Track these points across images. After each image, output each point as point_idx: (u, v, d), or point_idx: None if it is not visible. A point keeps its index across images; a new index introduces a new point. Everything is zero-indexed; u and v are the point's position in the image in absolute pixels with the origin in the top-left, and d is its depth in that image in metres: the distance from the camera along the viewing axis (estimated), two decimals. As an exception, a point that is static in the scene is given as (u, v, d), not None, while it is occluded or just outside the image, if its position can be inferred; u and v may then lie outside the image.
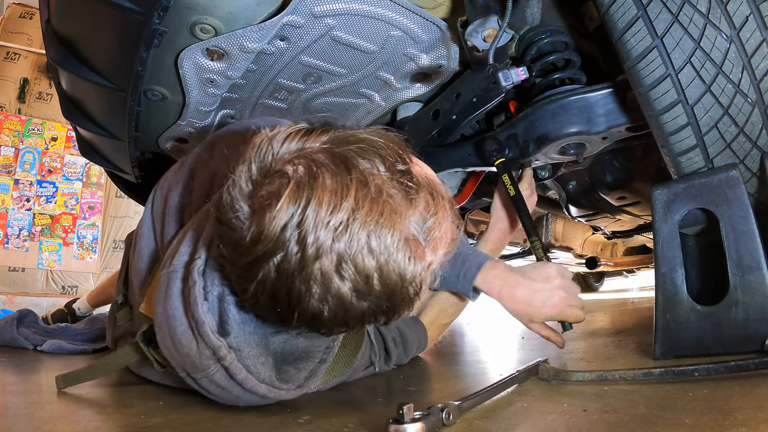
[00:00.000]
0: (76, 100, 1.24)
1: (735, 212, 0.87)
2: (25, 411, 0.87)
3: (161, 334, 0.77)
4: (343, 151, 0.62)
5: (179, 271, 0.76)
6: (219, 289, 0.72)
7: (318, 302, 0.61)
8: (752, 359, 0.75)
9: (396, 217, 0.60)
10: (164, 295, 0.75)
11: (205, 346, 0.70)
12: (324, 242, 0.58)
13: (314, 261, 0.59)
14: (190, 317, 0.71)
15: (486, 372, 1.19)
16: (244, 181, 0.63)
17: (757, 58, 0.84)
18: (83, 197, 4.32)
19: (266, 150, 0.64)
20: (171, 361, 0.79)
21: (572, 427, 0.62)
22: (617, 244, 2.96)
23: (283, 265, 0.60)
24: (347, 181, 0.59)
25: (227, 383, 0.73)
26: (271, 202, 0.59)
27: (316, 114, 1.36)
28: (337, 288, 0.60)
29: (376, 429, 0.67)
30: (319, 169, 0.59)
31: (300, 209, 0.58)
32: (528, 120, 1.12)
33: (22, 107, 4.18)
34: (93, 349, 1.65)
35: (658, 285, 0.94)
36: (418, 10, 1.02)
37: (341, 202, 0.58)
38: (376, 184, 0.60)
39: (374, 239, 0.59)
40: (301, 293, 0.61)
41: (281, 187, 0.60)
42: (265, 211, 0.59)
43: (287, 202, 0.58)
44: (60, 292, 4.06)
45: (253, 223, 0.61)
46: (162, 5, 0.86)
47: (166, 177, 1.04)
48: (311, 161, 0.61)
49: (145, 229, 1.01)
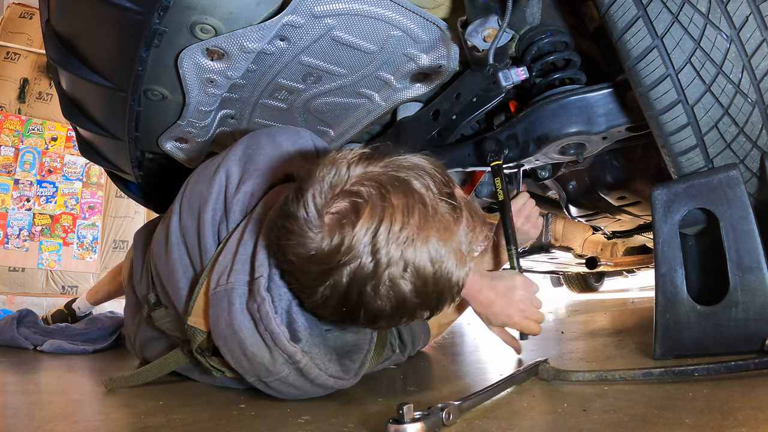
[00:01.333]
0: (76, 100, 1.24)
1: (735, 212, 0.87)
2: (25, 411, 0.87)
3: (227, 347, 0.83)
4: (403, 174, 0.73)
5: (238, 288, 0.82)
6: (286, 302, 0.81)
7: (382, 302, 0.72)
8: (752, 359, 0.75)
9: (448, 232, 0.72)
10: (227, 312, 0.82)
11: (279, 354, 0.79)
12: (393, 254, 0.69)
13: (385, 269, 0.70)
14: (262, 330, 0.79)
15: (486, 372, 1.19)
16: (317, 198, 0.72)
17: (757, 58, 0.84)
18: (83, 197, 4.31)
19: (336, 171, 0.73)
20: (239, 369, 0.85)
21: (572, 427, 0.62)
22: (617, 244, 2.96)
23: (358, 272, 0.70)
24: (411, 202, 0.70)
25: (299, 382, 0.82)
26: (349, 219, 0.70)
27: (316, 114, 1.36)
28: (401, 290, 0.71)
29: (376, 429, 0.67)
30: (387, 192, 0.70)
31: (374, 226, 0.69)
32: (528, 120, 1.12)
33: (22, 107, 4.18)
34: (93, 349, 1.65)
35: (658, 285, 0.94)
36: (418, 10, 1.02)
37: (408, 220, 0.69)
38: (432, 205, 0.71)
39: (432, 250, 0.71)
40: (370, 295, 0.71)
41: (357, 205, 0.70)
42: (344, 226, 0.70)
43: (366, 220, 0.69)
44: (60, 292, 4.06)
45: (330, 236, 0.70)
46: (162, 5, 0.86)
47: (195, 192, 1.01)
48: (379, 184, 0.71)
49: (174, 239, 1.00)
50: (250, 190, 0.94)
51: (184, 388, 1.02)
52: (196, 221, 0.97)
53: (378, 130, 1.51)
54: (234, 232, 0.90)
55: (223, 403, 0.88)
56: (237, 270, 0.84)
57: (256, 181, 0.95)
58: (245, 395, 0.92)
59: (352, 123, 1.42)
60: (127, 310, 1.31)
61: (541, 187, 1.83)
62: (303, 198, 0.73)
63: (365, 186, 0.71)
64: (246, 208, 0.94)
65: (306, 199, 0.72)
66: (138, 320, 1.19)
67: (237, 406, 0.85)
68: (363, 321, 0.76)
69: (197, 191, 1.00)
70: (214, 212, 0.95)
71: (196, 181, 1.03)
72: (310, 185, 0.73)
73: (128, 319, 1.29)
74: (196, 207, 0.98)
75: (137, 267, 1.23)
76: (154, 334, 1.16)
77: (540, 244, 2.26)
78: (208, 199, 0.96)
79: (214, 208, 0.95)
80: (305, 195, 0.73)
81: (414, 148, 1.30)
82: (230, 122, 1.35)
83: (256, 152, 0.99)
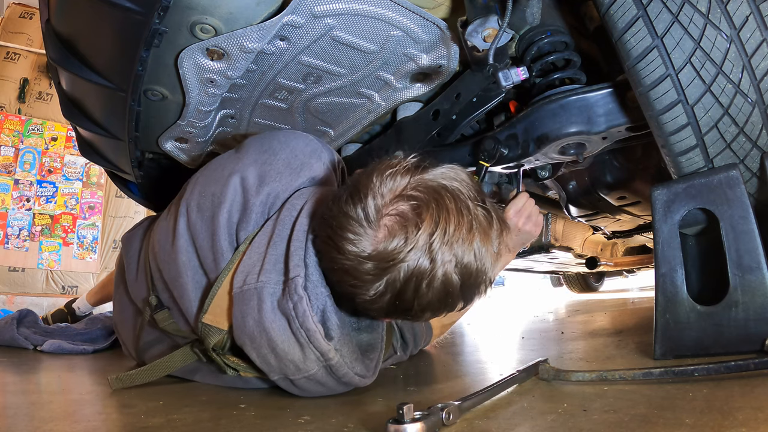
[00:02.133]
0: (76, 100, 1.24)
1: (735, 212, 0.87)
2: (25, 411, 0.87)
3: (254, 344, 0.86)
4: (449, 183, 0.81)
5: (269, 287, 0.85)
6: (322, 301, 0.85)
7: (434, 295, 0.78)
8: (752, 359, 0.75)
9: (486, 235, 0.80)
10: (256, 310, 0.84)
11: (311, 351, 0.82)
12: (446, 253, 0.76)
13: (440, 266, 0.76)
14: (296, 328, 0.82)
15: (486, 372, 1.19)
16: (377, 199, 0.78)
17: (757, 58, 0.84)
18: (83, 197, 4.31)
19: (391, 177, 0.80)
20: (265, 367, 0.87)
21: (572, 427, 0.62)
22: (617, 244, 2.96)
23: (416, 270, 0.76)
24: (461, 209, 0.78)
25: (326, 379, 0.85)
26: (411, 219, 0.76)
27: (316, 114, 1.36)
28: (451, 283, 0.78)
29: (376, 429, 0.67)
30: (441, 198, 0.78)
31: (432, 228, 0.76)
32: (528, 120, 1.12)
33: (22, 107, 4.18)
34: (93, 349, 1.65)
35: (658, 285, 0.94)
36: (418, 10, 1.02)
37: (461, 224, 0.77)
38: (474, 212, 0.80)
39: (476, 249, 0.79)
40: (424, 290, 0.78)
41: (418, 208, 0.77)
42: (406, 227, 0.76)
43: (427, 222, 0.76)
44: (60, 292, 4.06)
45: (392, 235, 0.76)
46: (162, 5, 0.86)
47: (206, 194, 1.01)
48: (434, 191, 0.79)
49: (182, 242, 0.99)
50: (274, 193, 0.97)
51: (184, 388, 1.02)
52: (209, 224, 0.97)
53: (378, 130, 1.51)
54: (259, 233, 0.93)
55: (223, 403, 0.88)
56: (267, 269, 0.86)
57: (279, 185, 0.98)
58: (245, 395, 0.92)
59: (352, 123, 1.42)
60: (119, 315, 1.28)
61: (541, 187, 1.83)
62: (361, 200, 0.78)
63: (422, 192, 0.78)
64: (268, 210, 0.96)
65: (366, 201, 0.78)
66: (139, 323, 1.17)
67: (237, 406, 0.85)
68: (413, 312, 0.82)
69: (209, 193, 1.00)
70: (230, 214, 0.96)
71: (206, 183, 1.03)
72: (369, 188, 0.79)
73: (123, 323, 1.26)
74: (209, 209, 0.98)
75: (131, 269, 1.22)
76: (156, 337, 1.15)
77: (540, 244, 2.26)
78: (223, 201, 0.97)
79: (230, 211, 0.96)
80: (364, 198, 0.78)
81: (414, 148, 1.32)
82: (230, 122, 1.35)
83: (273, 157, 1.01)
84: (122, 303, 1.26)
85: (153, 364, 1.02)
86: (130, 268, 1.22)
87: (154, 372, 1.02)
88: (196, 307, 0.97)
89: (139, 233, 1.30)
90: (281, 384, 0.88)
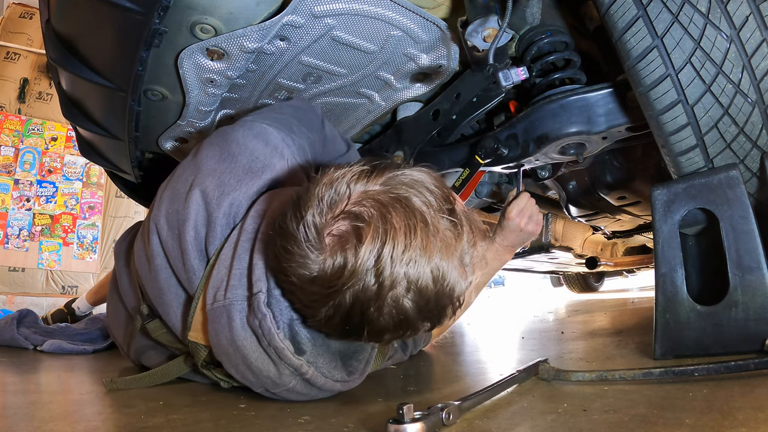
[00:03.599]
0: (76, 100, 1.24)
1: (735, 212, 0.87)
2: (25, 411, 0.87)
3: (231, 362, 0.84)
4: (403, 192, 0.72)
5: (237, 304, 0.81)
6: (287, 316, 0.80)
7: (385, 320, 0.72)
8: (752, 359, 0.75)
9: (450, 249, 0.71)
10: (227, 328, 0.81)
11: (285, 367, 0.79)
12: (397, 275, 0.68)
13: (389, 290, 0.69)
14: (266, 345, 0.78)
15: (486, 372, 1.19)
16: (317, 218, 0.70)
17: (757, 58, 0.84)
18: (83, 197, 4.31)
19: (335, 190, 0.71)
20: (245, 382, 0.85)
21: (572, 427, 0.62)
22: (617, 244, 2.96)
23: (361, 294, 0.69)
24: (413, 223, 0.69)
25: (306, 389, 0.83)
26: (350, 241, 0.69)
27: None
28: (404, 308, 0.71)
29: (376, 429, 0.67)
30: (388, 212, 0.69)
31: (377, 248, 0.67)
32: (528, 120, 1.12)
33: (22, 107, 4.18)
34: (93, 349, 1.65)
35: (658, 285, 0.94)
36: (418, 10, 1.02)
37: (411, 242, 0.68)
38: (433, 223, 0.71)
39: (435, 269, 0.70)
40: (374, 315, 0.71)
41: (358, 228, 0.69)
42: (346, 249, 0.68)
43: (368, 242, 0.67)
44: (60, 292, 4.06)
45: (332, 258, 0.69)
46: (162, 5, 0.86)
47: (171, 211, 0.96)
48: (380, 204, 0.70)
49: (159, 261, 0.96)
50: (236, 202, 0.91)
51: (184, 388, 1.02)
52: (177, 242, 0.93)
53: (378, 130, 1.51)
54: (225, 246, 0.88)
55: (223, 403, 0.88)
56: (234, 285, 0.82)
57: (240, 192, 0.92)
58: (245, 395, 0.92)
59: (352, 123, 1.42)
60: (113, 319, 1.28)
61: (541, 187, 1.83)
62: (302, 218, 0.71)
63: (365, 207, 0.70)
64: (232, 221, 0.91)
65: (306, 220, 0.70)
66: (131, 330, 1.16)
67: (237, 406, 0.85)
68: (366, 338, 0.76)
69: (173, 210, 0.95)
70: (197, 231, 0.91)
71: (170, 199, 0.97)
72: (309, 204, 0.71)
73: (117, 328, 1.26)
74: (176, 227, 0.93)
75: (122, 279, 1.20)
76: (151, 344, 1.13)
77: (540, 244, 2.26)
78: (187, 219, 0.91)
79: (195, 227, 0.91)
80: (304, 215, 0.71)
81: (414, 148, 1.32)
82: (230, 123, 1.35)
83: (232, 164, 0.94)
84: (116, 308, 1.26)
85: (149, 373, 1.02)
86: (121, 278, 1.21)
87: (150, 380, 1.02)
88: (180, 323, 0.95)
89: (125, 242, 1.28)
90: (266, 395, 0.86)
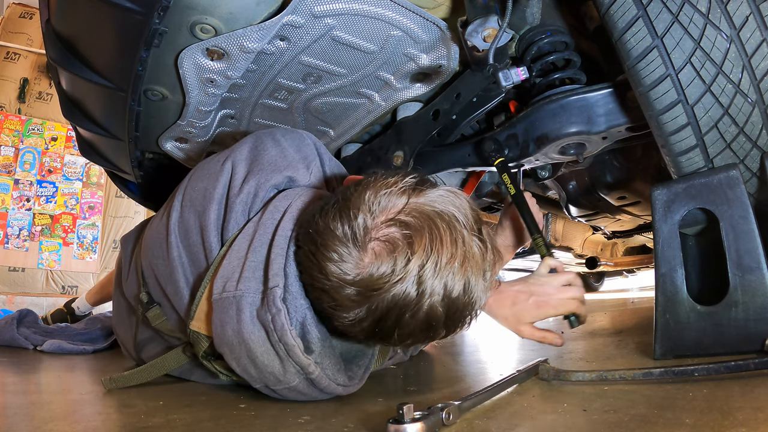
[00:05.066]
0: (76, 100, 1.24)
1: (735, 212, 0.87)
2: (25, 411, 0.87)
3: (234, 355, 0.83)
4: (448, 211, 0.76)
5: (248, 296, 0.81)
6: (301, 314, 0.81)
7: (417, 325, 0.75)
8: (752, 359, 0.75)
9: (478, 266, 0.76)
10: (235, 320, 0.81)
11: (291, 364, 0.80)
12: (436, 287, 0.72)
13: (427, 299, 0.72)
14: (275, 341, 0.79)
15: (486, 372, 1.19)
16: (367, 221, 0.73)
17: (757, 58, 0.84)
18: (83, 197, 4.31)
19: (386, 197, 0.75)
20: (246, 377, 0.84)
21: (572, 427, 0.62)
22: (617, 244, 2.96)
23: (400, 300, 0.72)
24: (455, 239, 0.74)
25: (308, 390, 0.83)
26: (399, 248, 0.72)
27: (316, 114, 1.36)
28: (436, 316, 0.74)
29: (376, 429, 0.67)
30: (436, 227, 0.73)
31: (423, 258, 0.71)
32: (528, 120, 1.12)
33: (22, 107, 4.18)
34: (93, 349, 1.65)
35: (658, 285, 0.94)
36: (418, 10, 1.02)
37: (452, 256, 0.73)
38: (468, 242, 0.75)
39: (466, 282, 0.75)
40: (407, 320, 0.74)
41: (409, 236, 0.72)
42: (394, 255, 0.72)
43: (418, 252, 0.71)
44: (60, 292, 4.06)
45: (378, 262, 0.72)
46: (162, 5, 0.86)
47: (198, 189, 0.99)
48: (428, 218, 0.74)
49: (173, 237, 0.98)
50: (253, 191, 0.94)
51: (184, 388, 1.02)
52: (199, 220, 0.95)
53: (378, 130, 1.51)
54: (240, 236, 0.89)
55: (223, 403, 0.88)
56: (247, 277, 0.83)
57: (259, 182, 0.94)
58: (245, 395, 0.92)
59: (352, 123, 1.42)
60: (116, 315, 1.29)
61: (541, 187, 1.83)
62: (351, 219, 0.73)
63: (416, 218, 0.74)
64: (248, 210, 0.93)
65: (356, 221, 0.73)
66: (134, 322, 1.17)
67: (237, 406, 0.85)
68: (393, 341, 0.78)
69: (201, 188, 0.98)
70: (219, 212, 0.94)
71: (199, 178, 1.01)
72: (360, 206, 0.74)
73: (120, 323, 1.27)
74: (200, 205, 0.96)
75: (125, 268, 1.22)
76: (151, 335, 1.15)
77: (540, 244, 2.26)
78: (212, 198, 0.94)
79: (218, 209, 0.94)
80: (354, 216, 0.73)
81: (414, 148, 1.32)
82: (230, 122, 1.35)
83: (261, 154, 0.99)
84: (119, 302, 1.27)
85: (146, 366, 1.01)
86: (125, 267, 1.23)
87: (149, 373, 1.01)
88: (185, 309, 0.96)
89: (134, 234, 1.30)
90: (264, 391, 0.86)
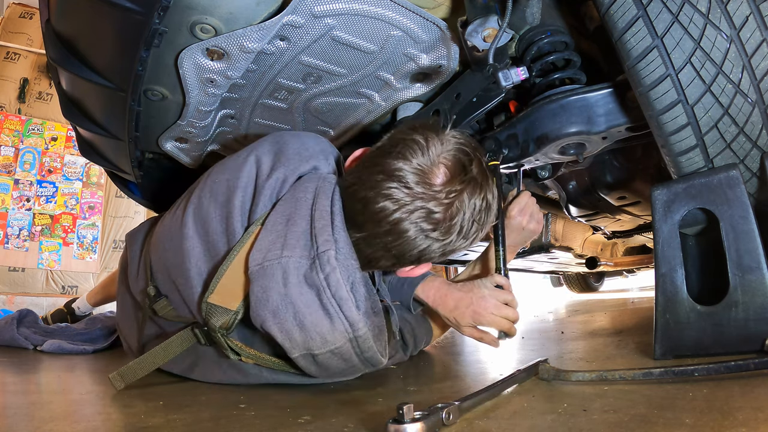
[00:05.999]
0: (76, 100, 1.24)
1: (735, 212, 0.87)
2: (25, 411, 0.87)
3: (278, 319, 0.85)
4: (472, 151, 0.91)
5: (293, 260, 0.86)
6: (352, 273, 0.87)
7: (440, 246, 0.90)
8: (752, 359, 0.75)
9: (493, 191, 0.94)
10: (281, 284, 0.85)
11: (340, 322, 0.83)
12: (466, 213, 0.89)
13: (457, 217, 0.88)
14: (327, 298, 0.83)
15: (486, 372, 1.19)
16: (413, 168, 0.86)
17: (757, 58, 0.84)
18: (83, 197, 4.31)
19: (435, 143, 0.88)
20: (286, 343, 0.85)
21: (572, 427, 0.62)
22: (617, 244, 2.96)
23: (470, 204, 0.89)
24: (484, 170, 0.92)
25: (350, 355, 0.86)
26: (453, 187, 0.87)
27: (316, 114, 1.36)
28: (464, 233, 0.90)
29: (376, 429, 0.67)
30: (470, 164, 0.89)
31: (471, 197, 0.89)
32: (528, 120, 1.12)
33: (22, 107, 4.17)
34: (93, 349, 1.65)
35: (658, 285, 0.94)
36: (418, 10, 1.02)
37: (480, 183, 0.90)
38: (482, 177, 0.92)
39: (482, 210, 0.91)
40: (456, 228, 0.89)
41: (467, 180, 0.88)
42: (451, 193, 0.87)
43: (468, 190, 0.88)
44: (60, 292, 4.05)
45: (442, 199, 0.86)
46: (162, 5, 0.86)
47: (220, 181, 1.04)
48: (466, 155, 0.90)
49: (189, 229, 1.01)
50: (282, 177, 0.99)
51: (184, 388, 1.02)
52: (223, 209, 0.99)
53: (378, 130, 1.51)
54: (272, 214, 0.94)
55: (223, 403, 0.88)
56: (291, 245, 0.88)
57: (288, 170, 1.00)
58: (245, 395, 0.92)
59: (352, 123, 1.42)
60: (121, 313, 1.30)
61: (541, 187, 1.83)
62: (409, 161, 0.86)
63: (454, 160, 0.89)
64: (276, 194, 0.98)
65: (418, 163, 0.86)
66: (139, 318, 1.18)
67: (237, 406, 0.85)
68: (436, 256, 0.92)
69: (223, 180, 1.03)
70: (245, 198, 0.98)
71: (220, 171, 1.06)
72: (413, 151, 0.87)
73: (125, 321, 1.27)
74: (223, 194, 1.00)
75: (133, 265, 1.23)
76: (156, 331, 1.15)
77: (540, 244, 2.26)
78: (237, 186, 0.99)
79: (244, 194, 0.99)
80: (426, 142, 0.87)
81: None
82: (230, 122, 1.35)
83: (285, 147, 1.04)
84: (124, 299, 1.27)
85: (151, 352, 1.00)
86: (132, 264, 1.23)
87: (155, 359, 1.00)
88: (199, 291, 0.98)
89: (143, 230, 1.32)
90: (300, 362, 0.88)
